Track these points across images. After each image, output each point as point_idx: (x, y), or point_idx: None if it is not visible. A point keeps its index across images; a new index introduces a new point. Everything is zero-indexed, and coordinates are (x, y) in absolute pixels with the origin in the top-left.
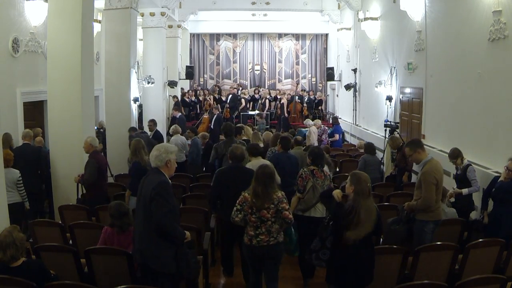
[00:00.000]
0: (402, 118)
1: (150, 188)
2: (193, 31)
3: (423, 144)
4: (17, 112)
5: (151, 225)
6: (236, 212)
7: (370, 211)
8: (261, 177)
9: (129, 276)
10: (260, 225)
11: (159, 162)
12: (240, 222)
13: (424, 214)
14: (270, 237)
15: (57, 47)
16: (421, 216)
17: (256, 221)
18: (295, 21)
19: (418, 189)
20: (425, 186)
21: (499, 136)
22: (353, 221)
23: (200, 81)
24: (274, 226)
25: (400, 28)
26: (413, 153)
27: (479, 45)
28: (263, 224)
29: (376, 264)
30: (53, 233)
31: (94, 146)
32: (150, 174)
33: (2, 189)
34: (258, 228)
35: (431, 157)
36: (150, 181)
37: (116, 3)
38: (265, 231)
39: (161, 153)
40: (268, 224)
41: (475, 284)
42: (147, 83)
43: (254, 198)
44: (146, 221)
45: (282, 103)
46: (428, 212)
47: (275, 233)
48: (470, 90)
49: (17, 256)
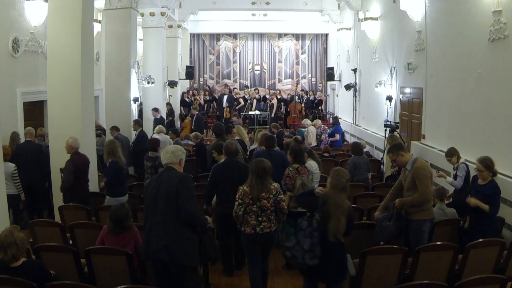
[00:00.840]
0: (402, 118)
1: (174, 184)
2: (193, 31)
3: (404, 147)
4: (17, 112)
5: (177, 219)
6: (239, 206)
7: (339, 206)
8: (256, 170)
9: (129, 276)
10: (261, 214)
11: (174, 158)
12: (242, 217)
13: (420, 213)
14: (271, 224)
15: (57, 47)
16: (418, 215)
17: (257, 210)
18: (295, 21)
19: (409, 190)
20: (422, 181)
21: (499, 136)
22: (327, 213)
23: (200, 81)
24: (273, 215)
25: (400, 28)
26: (396, 157)
27: (479, 45)
28: (263, 213)
29: (376, 264)
30: (53, 233)
31: (75, 147)
32: (165, 172)
33: (2, 188)
34: (259, 216)
35: (416, 157)
36: (169, 177)
37: (116, 3)
38: (266, 219)
39: (177, 150)
40: (268, 212)
41: (475, 284)
42: (147, 83)
43: (250, 189)
44: (170, 216)
45: (272, 103)
46: (425, 210)
47: (274, 220)
48: (470, 90)
49: (18, 256)
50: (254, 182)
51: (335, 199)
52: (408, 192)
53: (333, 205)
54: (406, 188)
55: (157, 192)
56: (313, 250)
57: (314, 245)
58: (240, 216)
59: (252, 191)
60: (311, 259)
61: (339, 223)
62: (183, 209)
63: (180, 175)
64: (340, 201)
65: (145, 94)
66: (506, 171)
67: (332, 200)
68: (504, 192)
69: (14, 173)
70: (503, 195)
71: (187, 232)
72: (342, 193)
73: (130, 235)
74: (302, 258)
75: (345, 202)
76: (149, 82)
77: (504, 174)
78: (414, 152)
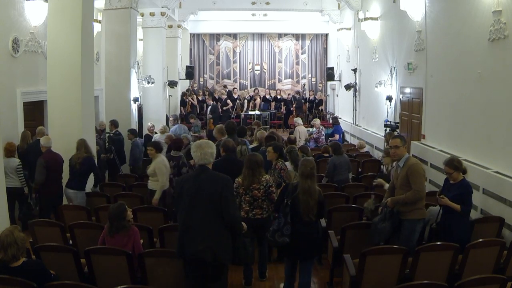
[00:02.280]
0: (402, 118)
1: (217, 186)
2: (193, 31)
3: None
4: (17, 112)
5: (217, 220)
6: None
7: (306, 191)
8: (248, 163)
9: (129, 276)
10: (253, 203)
11: (211, 159)
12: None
13: (414, 212)
14: (263, 211)
15: (57, 47)
16: (411, 215)
17: (249, 199)
18: (295, 21)
19: (402, 188)
20: (416, 178)
21: (499, 136)
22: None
23: (200, 81)
24: (264, 203)
25: (400, 28)
26: (402, 145)
27: (479, 45)
28: (255, 202)
29: (377, 264)
30: (53, 233)
31: (46, 146)
32: (203, 171)
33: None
34: (251, 205)
35: (409, 155)
36: (209, 178)
37: (116, 3)
38: (258, 207)
39: (213, 151)
40: (259, 201)
41: (475, 284)
42: (147, 83)
43: (242, 180)
44: (211, 217)
45: (256, 103)
46: (419, 209)
47: (266, 208)
48: (470, 90)
49: (18, 256)
50: (247, 173)
51: (302, 185)
52: (400, 190)
53: (301, 191)
54: (398, 186)
55: (196, 193)
56: (281, 230)
57: (282, 225)
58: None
59: (243, 182)
60: (280, 237)
61: (308, 205)
62: (226, 213)
63: (223, 178)
64: (307, 187)
65: (145, 94)
66: (506, 171)
67: (300, 187)
68: (504, 192)
69: (19, 167)
70: (503, 195)
71: (226, 233)
72: (308, 180)
73: (129, 235)
74: (273, 236)
75: (312, 188)
76: (149, 82)
77: (504, 174)
78: (414, 152)
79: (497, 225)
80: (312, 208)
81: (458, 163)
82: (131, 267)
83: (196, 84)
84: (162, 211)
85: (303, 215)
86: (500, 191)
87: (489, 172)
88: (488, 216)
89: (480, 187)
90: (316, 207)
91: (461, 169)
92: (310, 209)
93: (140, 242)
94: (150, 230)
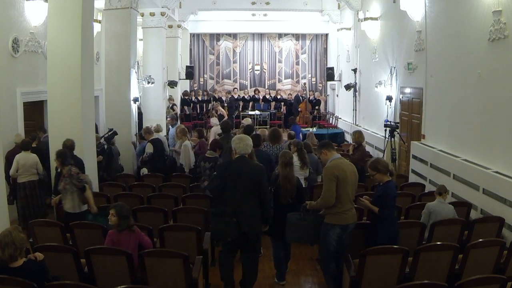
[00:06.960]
0: (402, 118)
1: (255, 174)
2: (193, 31)
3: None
4: (17, 112)
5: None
6: None
7: (285, 177)
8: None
9: (129, 276)
10: None
11: (249, 149)
12: None
13: (328, 216)
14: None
15: (57, 47)
16: (328, 219)
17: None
18: (295, 21)
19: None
20: (324, 183)
21: (499, 136)
22: (279, 184)
23: (200, 81)
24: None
25: (400, 28)
26: (319, 155)
27: (479, 45)
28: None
29: (377, 264)
30: (53, 233)
31: (16, 142)
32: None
33: (3, 189)
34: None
35: (338, 157)
36: (249, 167)
37: (116, 3)
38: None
39: (251, 143)
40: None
41: (475, 284)
42: (147, 83)
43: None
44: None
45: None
46: (333, 214)
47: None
48: (470, 90)
49: (15, 256)
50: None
51: (282, 173)
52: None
53: (282, 178)
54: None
55: (239, 180)
56: None
57: None
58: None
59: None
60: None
61: (286, 189)
62: (264, 198)
63: (259, 166)
64: (286, 174)
65: (145, 94)
66: (506, 171)
67: (281, 174)
68: (504, 192)
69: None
70: (503, 195)
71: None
72: (287, 168)
73: (133, 236)
74: None
75: (290, 175)
76: (149, 82)
77: (504, 174)
78: (414, 152)
79: (497, 225)
80: (290, 192)
81: (378, 164)
82: (131, 267)
83: (196, 84)
84: (162, 211)
85: (282, 199)
86: (500, 191)
87: (489, 172)
88: (488, 216)
89: (480, 187)
90: (295, 191)
91: (383, 171)
92: (288, 192)
93: (149, 241)
94: (150, 230)
